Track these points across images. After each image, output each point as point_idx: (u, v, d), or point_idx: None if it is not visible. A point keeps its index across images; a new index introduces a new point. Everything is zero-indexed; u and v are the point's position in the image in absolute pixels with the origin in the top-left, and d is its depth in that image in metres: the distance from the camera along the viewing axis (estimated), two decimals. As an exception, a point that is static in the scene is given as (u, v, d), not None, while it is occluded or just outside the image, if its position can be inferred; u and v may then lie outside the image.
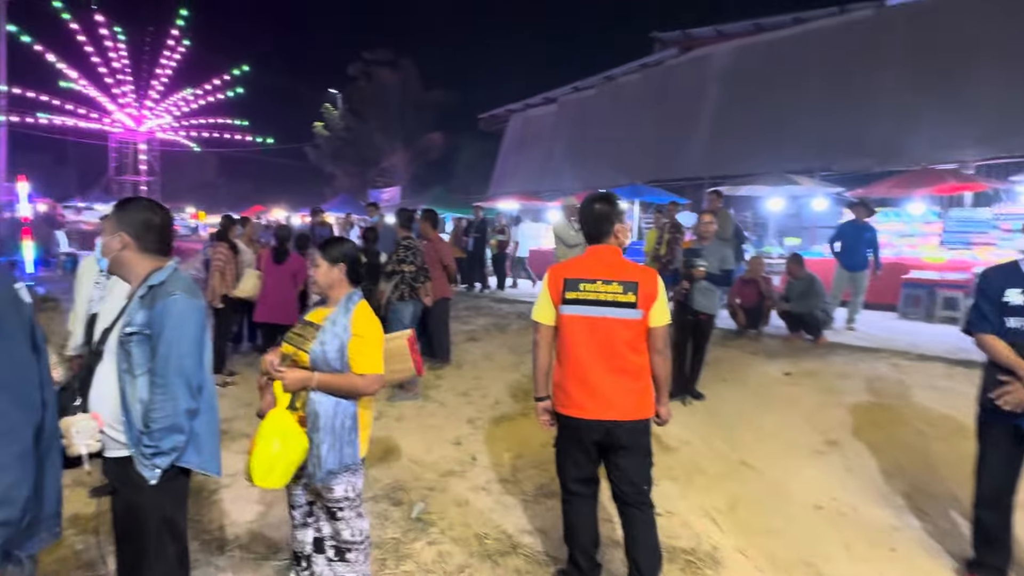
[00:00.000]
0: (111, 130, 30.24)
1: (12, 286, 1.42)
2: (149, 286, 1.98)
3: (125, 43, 28.74)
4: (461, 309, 10.02)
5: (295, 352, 2.39)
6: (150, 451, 1.90)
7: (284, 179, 36.86)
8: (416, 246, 5.79)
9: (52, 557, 2.90)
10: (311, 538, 2.57)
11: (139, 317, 1.94)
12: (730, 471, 4.10)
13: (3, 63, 20.68)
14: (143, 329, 1.92)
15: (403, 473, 4.00)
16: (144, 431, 1.90)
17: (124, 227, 2.03)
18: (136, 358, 1.91)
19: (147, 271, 2.04)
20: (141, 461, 1.91)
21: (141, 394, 1.91)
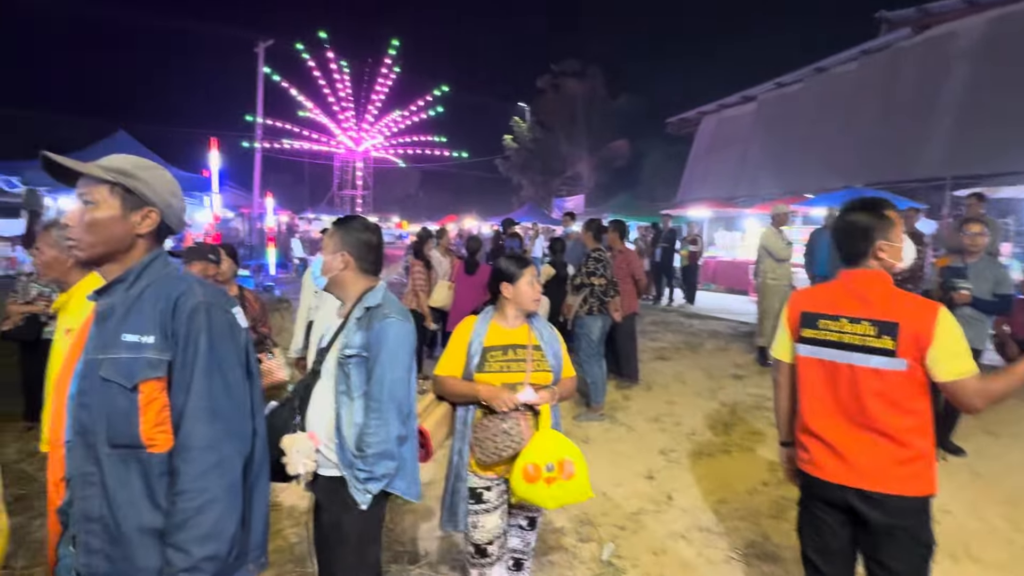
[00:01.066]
0: (336, 151, 34.91)
1: (230, 312, 1.42)
2: (366, 307, 1.96)
3: (349, 74, 33.01)
4: (647, 324, 9.51)
5: (523, 379, 2.31)
6: (364, 475, 1.88)
7: (476, 190, 39.21)
8: (606, 258, 5.51)
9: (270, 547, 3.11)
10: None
11: (357, 339, 1.92)
12: (1015, 560, 3.15)
13: (260, 100, 24.89)
14: (361, 351, 1.90)
15: (591, 505, 3.72)
16: (358, 455, 1.88)
17: (347, 247, 2.04)
18: (354, 380, 1.90)
19: (362, 291, 2.04)
20: (354, 485, 1.88)
21: (356, 417, 1.89)
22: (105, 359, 1.31)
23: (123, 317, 1.34)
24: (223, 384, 1.35)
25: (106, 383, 1.30)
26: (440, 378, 2.34)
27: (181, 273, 1.45)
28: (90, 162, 1.40)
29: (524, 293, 2.37)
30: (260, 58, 24.57)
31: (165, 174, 1.48)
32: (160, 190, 1.44)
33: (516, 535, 2.47)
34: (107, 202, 1.37)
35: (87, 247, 1.37)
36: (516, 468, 2.22)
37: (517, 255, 2.54)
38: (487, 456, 2.24)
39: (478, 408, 2.31)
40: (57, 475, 1.36)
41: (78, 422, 1.33)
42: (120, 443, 1.30)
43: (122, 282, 1.39)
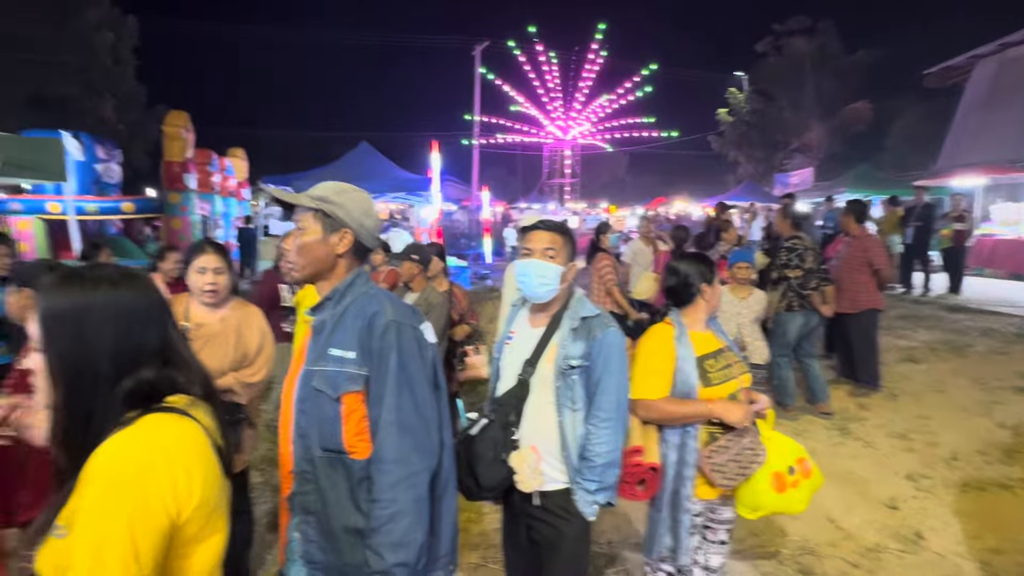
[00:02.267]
0: (544, 141, 36.09)
1: (418, 329, 1.48)
2: (582, 317, 1.91)
3: (557, 64, 33.75)
4: (894, 318, 8.06)
5: (737, 387, 2.17)
6: (594, 486, 1.85)
7: (687, 171, 37.35)
8: (803, 247, 4.76)
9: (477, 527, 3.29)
10: None
11: (577, 349, 1.87)
12: None
13: (477, 99, 26.79)
14: (583, 361, 1.86)
15: (814, 531, 3.25)
16: (587, 465, 1.85)
17: (574, 256, 2.00)
18: (578, 391, 1.86)
19: (566, 298, 1.99)
20: (583, 497, 1.86)
21: (579, 428, 1.87)
22: (317, 371, 1.45)
23: (331, 332, 1.47)
24: (412, 400, 1.42)
25: (317, 392, 1.44)
26: (650, 403, 2.10)
27: (377, 290, 1.55)
28: (305, 191, 1.57)
29: (719, 294, 2.26)
30: (477, 60, 26.39)
31: (360, 195, 1.58)
32: (354, 211, 1.54)
33: (717, 552, 2.25)
34: (312, 227, 1.51)
35: (300, 268, 1.54)
36: (758, 483, 2.06)
37: (697, 253, 2.41)
38: (730, 479, 2.05)
39: (705, 428, 2.11)
40: (287, 467, 1.53)
41: (299, 425, 1.49)
42: (329, 447, 1.43)
43: (330, 300, 1.52)
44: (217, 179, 12.57)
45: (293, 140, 33.28)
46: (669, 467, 2.12)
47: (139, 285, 1.05)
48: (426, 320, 1.55)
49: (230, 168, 13.51)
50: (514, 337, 2.04)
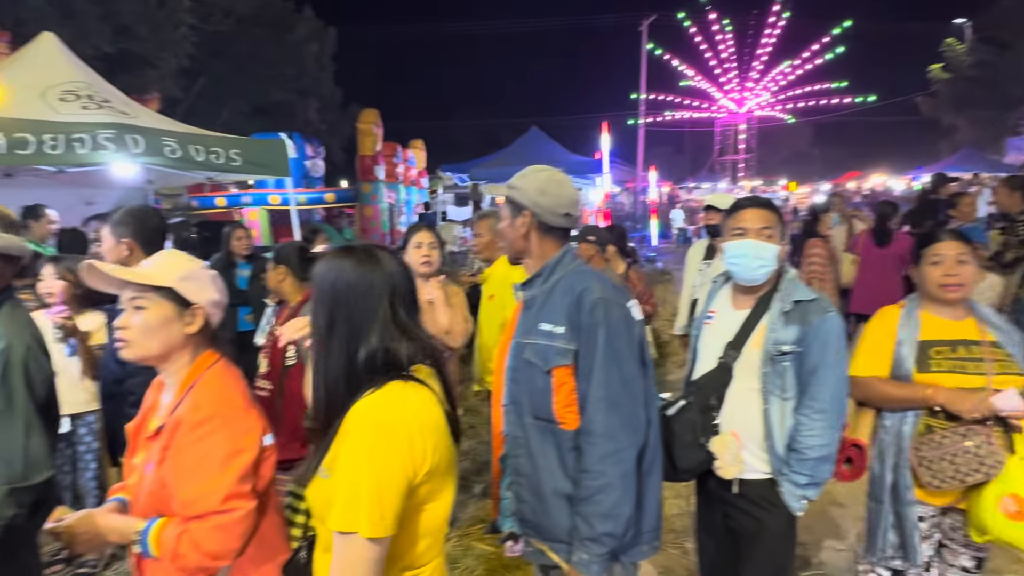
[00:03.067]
0: (716, 116, 33.88)
1: (625, 306, 1.50)
2: (795, 300, 1.80)
3: (732, 33, 31.37)
4: None
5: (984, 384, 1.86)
6: (805, 480, 1.76)
7: (886, 139, 32.84)
8: None
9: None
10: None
11: (789, 334, 1.76)
12: None
13: (644, 76, 25.94)
14: (796, 347, 1.76)
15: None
16: (797, 458, 1.75)
17: (785, 236, 1.93)
18: (789, 379, 1.77)
19: (775, 280, 1.88)
20: (791, 490, 1.77)
21: (788, 418, 1.78)
22: (528, 343, 1.54)
23: (540, 308, 1.55)
24: (620, 377, 1.45)
25: (528, 364, 1.53)
26: (862, 380, 1.98)
27: (585, 268, 1.61)
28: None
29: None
30: (643, 36, 25.51)
31: (540, 175, 1.64)
32: (529, 191, 1.61)
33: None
34: (504, 212, 1.66)
35: (505, 249, 1.69)
36: (986, 499, 1.79)
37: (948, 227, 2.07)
38: (939, 480, 1.83)
39: (924, 418, 1.90)
40: (497, 428, 1.66)
41: (511, 392, 1.59)
42: (540, 415, 1.52)
43: (539, 276, 1.61)
44: (401, 169, 13.72)
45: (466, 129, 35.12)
46: (887, 455, 1.94)
47: (389, 262, 1.16)
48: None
49: (412, 159, 14.65)
50: (714, 317, 1.96)
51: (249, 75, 18.52)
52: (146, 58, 14.89)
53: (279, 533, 1.39)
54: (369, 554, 1.03)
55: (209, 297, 1.35)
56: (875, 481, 2.00)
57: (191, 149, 5.05)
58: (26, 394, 1.76)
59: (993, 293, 3.72)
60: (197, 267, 1.38)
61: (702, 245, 3.83)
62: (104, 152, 4.49)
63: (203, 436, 1.23)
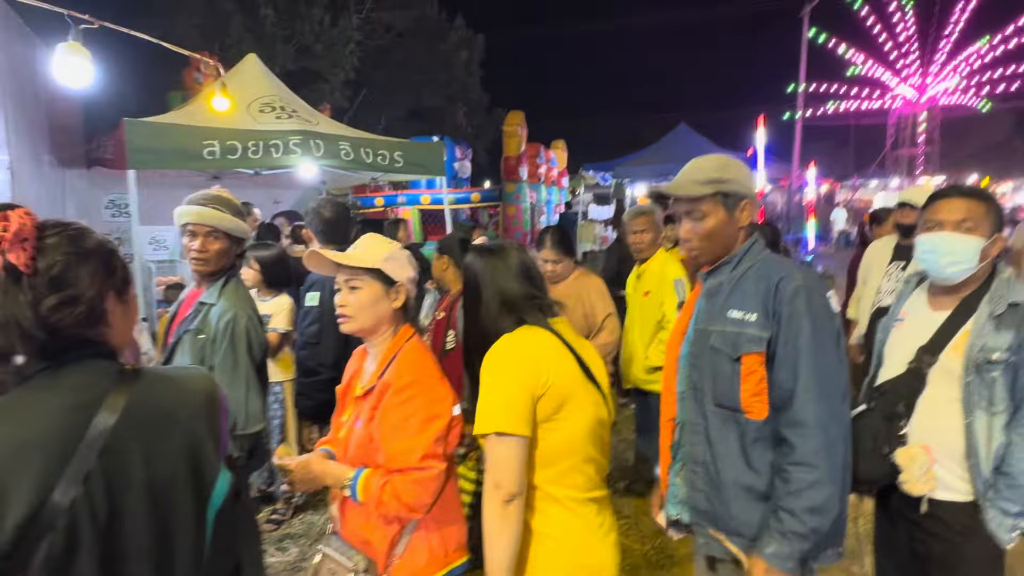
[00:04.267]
0: (891, 106, 30.28)
1: (825, 296, 1.44)
2: (1011, 304, 1.62)
3: (914, 7, 27.80)
4: None
5: None
6: (1017, 508, 1.58)
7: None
8: None
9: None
10: None
11: (1002, 341, 1.59)
12: None
13: (803, 67, 23.94)
14: (1010, 356, 1.58)
15: None
16: (1007, 483, 1.57)
17: (1000, 228, 1.69)
18: (999, 391, 1.60)
19: (985, 278, 1.69)
20: (998, 519, 1.59)
21: (996, 434, 1.60)
22: (714, 331, 1.51)
23: (729, 295, 1.52)
24: (827, 366, 1.39)
25: (714, 351, 1.50)
26: None
27: (776, 257, 1.56)
28: (686, 176, 1.60)
29: None
30: (805, 22, 23.51)
31: (736, 164, 1.60)
32: (746, 182, 1.57)
33: None
34: (714, 211, 1.54)
35: (708, 253, 1.59)
36: None
37: None
38: None
39: None
40: (667, 415, 1.64)
41: (690, 379, 1.57)
42: (723, 403, 1.49)
43: (727, 264, 1.57)
44: (543, 170, 13.96)
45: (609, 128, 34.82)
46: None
47: (516, 254, 1.54)
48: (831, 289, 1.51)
49: (553, 159, 14.85)
50: (905, 319, 1.79)
51: (405, 83, 19.93)
52: (320, 73, 16.60)
53: (457, 499, 1.52)
54: (507, 450, 1.30)
55: (408, 275, 1.53)
56: None
57: (362, 152, 5.58)
58: (248, 358, 2.07)
59: None
60: (396, 249, 1.55)
61: (887, 244, 3.45)
62: (293, 156, 5.12)
63: (407, 399, 1.40)
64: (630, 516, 3.32)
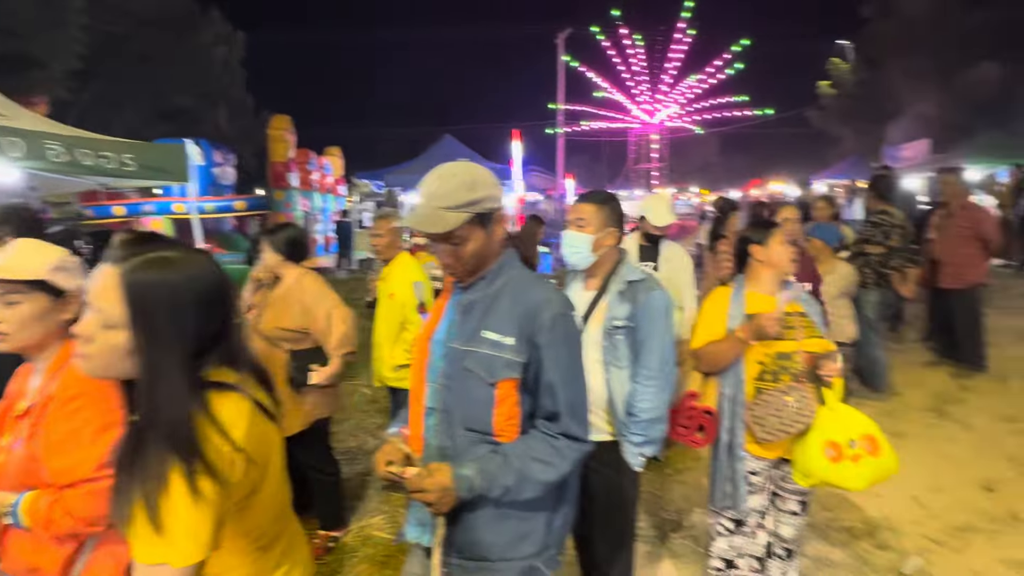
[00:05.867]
0: (630, 126, 35.35)
1: (572, 315, 1.49)
2: (628, 281, 2.04)
3: (643, 46, 32.91)
4: (1013, 296, 7.40)
5: (795, 348, 2.17)
6: (640, 439, 1.99)
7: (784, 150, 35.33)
8: (890, 223, 4.52)
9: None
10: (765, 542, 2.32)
11: (622, 311, 2.00)
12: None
13: (561, 87, 26.72)
14: (628, 322, 2.00)
15: (897, 508, 3.15)
16: (633, 420, 1.98)
17: (614, 223, 2.10)
18: (622, 350, 2.00)
19: (614, 263, 2.11)
20: (629, 449, 2.01)
21: (625, 385, 2.01)
22: (469, 351, 1.38)
23: (484, 314, 1.40)
24: (582, 386, 1.45)
25: (468, 374, 1.38)
26: (701, 350, 2.26)
27: (529, 274, 1.49)
28: (434, 203, 1.36)
29: (778, 253, 2.24)
30: (560, 48, 26.28)
31: (481, 173, 1.42)
32: (493, 192, 1.41)
33: (788, 522, 2.31)
34: (473, 233, 1.37)
35: (470, 274, 1.44)
36: (810, 448, 2.09)
37: (764, 220, 2.42)
38: (769, 434, 2.12)
39: (752, 382, 2.20)
40: (415, 431, 1.49)
41: (441, 400, 1.42)
42: (474, 428, 1.39)
43: (483, 280, 1.44)
44: (316, 176, 13.49)
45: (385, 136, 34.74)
46: (724, 417, 2.22)
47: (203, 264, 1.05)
48: None
49: (328, 166, 14.44)
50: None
51: (149, 78, 17.60)
52: (31, 58, 13.88)
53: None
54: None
55: (79, 284, 1.40)
56: (716, 442, 2.27)
57: (78, 153, 4.85)
58: None
59: (845, 283, 4.21)
60: (64, 256, 1.44)
61: (631, 245, 3.63)
62: (-23, 155, 4.27)
63: (75, 411, 1.29)
64: (386, 512, 3.41)
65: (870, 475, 2.03)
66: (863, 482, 2.03)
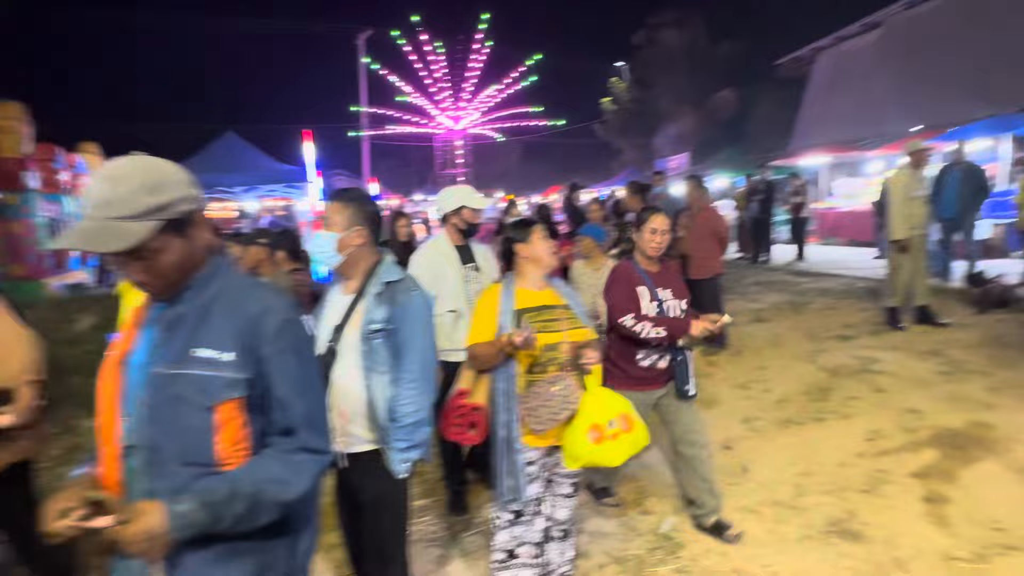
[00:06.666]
0: (436, 132, 35.81)
1: (301, 320, 1.38)
2: (385, 282, 1.98)
3: (443, 54, 33.53)
4: (749, 284, 8.90)
5: (561, 339, 2.27)
6: (404, 444, 1.92)
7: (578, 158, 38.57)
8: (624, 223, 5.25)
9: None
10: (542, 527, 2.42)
11: (379, 314, 1.93)
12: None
13: (364, 89, 26.08)
14: (386, 325, 1.92)
15: (655, 477, 3.56)
16: (396, 426, 1.91)
17: (363, 222, 2.01)
18: (381, 355, 1.92)
19: (372, 265, 2.03)
20: (394, 456, 1.93)
21: (386, 390, 1.93)
22: (178, 375, 1.19)
23: (194, 329, 1.22)
24: (318, 395, 1.34)
25: (179, 400, 1.19)
26: (472, 347, 2.30)
27: (250, 280, 1.38)
28: (106, 214, 1.14)
29: (540, 249, 2.35)
30: (360, 49, 25.64)
31: (173, 168, 1.23)
32: (189, 187, 1.23)
33: (562, 505, 2.44)
34: (166, 244, 1.18)
35: (172, 286, 1.24)
36: (576, 432, 2.19)
37: (524, 219, 2.57)
38: (542, 424, 2.18)
39: (523, 376, 2.26)
40: (111, 477, 1.24)
41: (146, 435, 1.21)
42: (193, 461, 1.20)
43: (190, 290, 1.25)
44: (65, 177, 11.41)
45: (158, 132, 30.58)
46: (500, 412, 2.27)
47: None
48: None
49: (82, 165, 12.29)
50: (327, 305, 2.08)
51: None
52: None
53: None
54: None
55: None
56: (495, 438, 2.32)
57: None
58: None
59: (612, 276, 4.67)
60: None
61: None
62: None
63: None
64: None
65: (627, 449, 2.22)
66: (621, 457, 2.22)
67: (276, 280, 3.50)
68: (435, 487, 3.49)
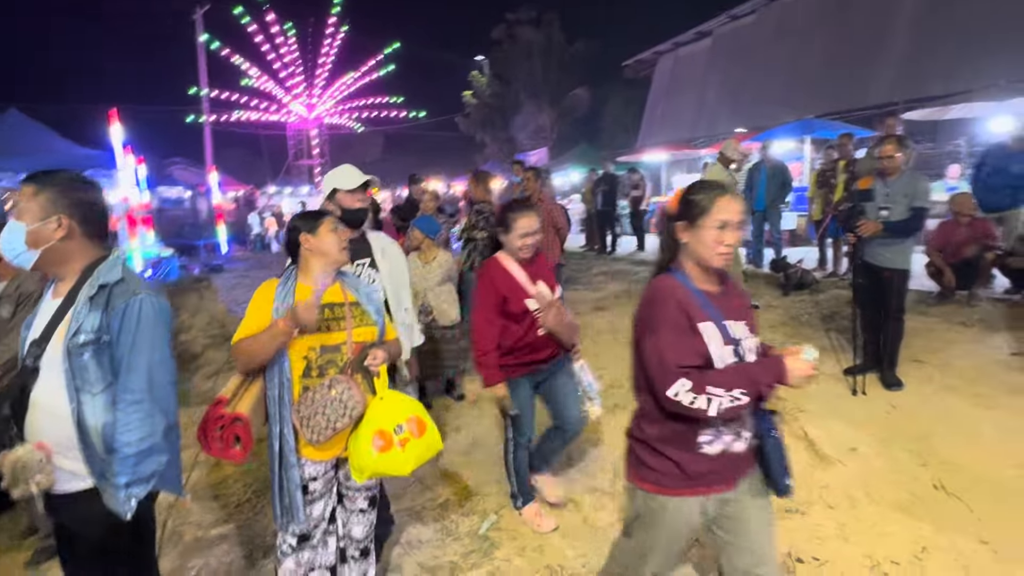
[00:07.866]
0: (287, 120, 33.54)
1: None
2: (100, 284, 1.61)
3: (294, 37, 31.39)
4: (594, 274, 9.24)
5: (344, 339, 2.09)
6: (125, 479, 1.57)
7: (442, 151, 38.22)
8: (491, 211, 5.20)
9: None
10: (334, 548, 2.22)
11: (91, 322, 1.57)
12: (917, 501, 2.95)
13: (203, 70, 23.69)
14: (100, 336, 1.57)
15: (482, 475, 3.47)
16: (115, 458, 1.57)
17: (65, 209, 1.62)
18: (93, 373, 1.57)
19: (88, 263, 1.66)
20: (113, 494, 1.57)
21: (103, 415, 1.58)
22: None
23: None
24: None
25: None
26: (238, 343, 2.00)
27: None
28: None
29: (328, 242, 2.13)
30: (198, 25, 23.24)
31: None
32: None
33: (359, 522, 2.23)
34: None
35: None
36: (360, 441, 1.99)
37: (315, 210, 2.31)
38: (318, 434, 1.95)
39: (299, 381, 2.03)
40: None
41: None
42: None
43: None
44: None
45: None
46: (272, 423, 2.02)
47: None
48: None
49: None
50: (38, 313, 1.68)
51: None
52: None
53: None
54: None
55: None
56: (269, 452, 2.07)
57: None
58: None
59: (443, 270, 4.52)
60: None
61: None
62: None
63: None
64: None
65: (417, 456, 2.06)
66: (411, 465, 2.04)
67: (19, 281, 2.90)
68: (234, 512, 3.12)
